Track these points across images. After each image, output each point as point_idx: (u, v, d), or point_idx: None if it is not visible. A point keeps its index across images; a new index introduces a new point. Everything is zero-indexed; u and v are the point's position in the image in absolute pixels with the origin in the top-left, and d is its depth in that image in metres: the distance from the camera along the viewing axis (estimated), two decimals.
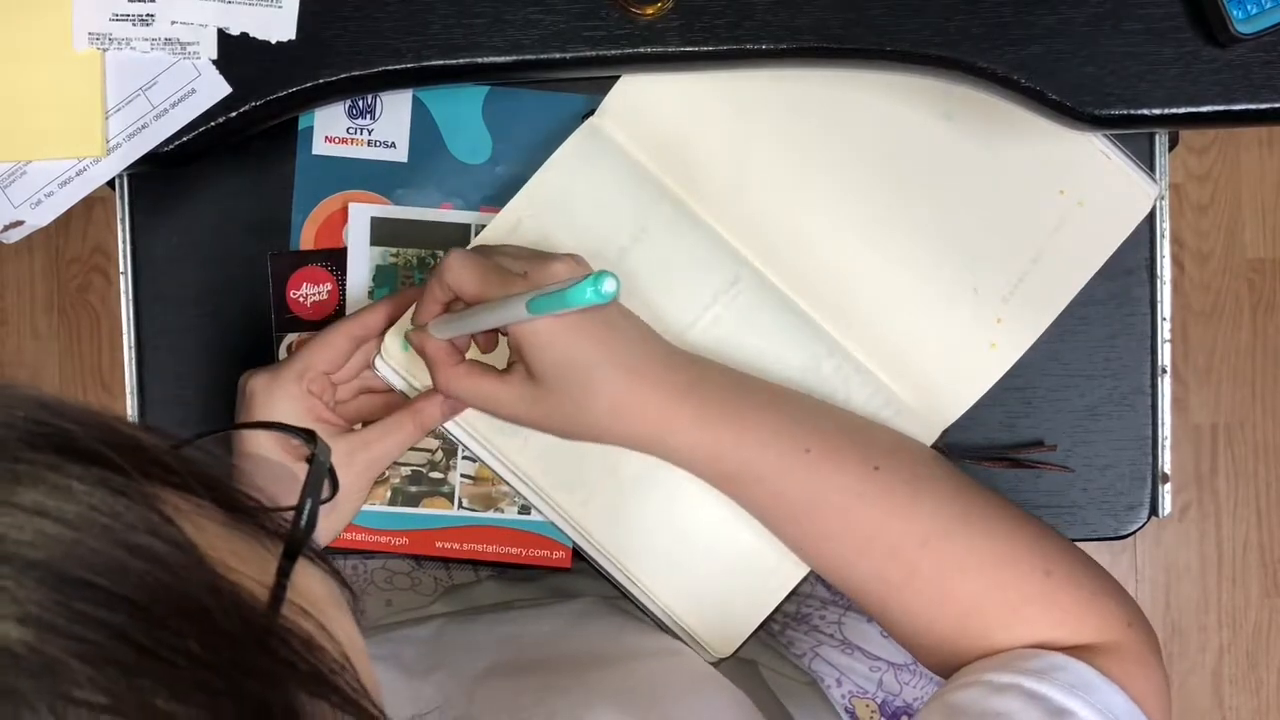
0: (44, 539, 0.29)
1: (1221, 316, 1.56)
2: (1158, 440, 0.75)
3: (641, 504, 0.70)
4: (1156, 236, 0.74)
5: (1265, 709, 1.56)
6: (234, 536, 0.35)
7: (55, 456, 0.31)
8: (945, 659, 0.63)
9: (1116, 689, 0.56)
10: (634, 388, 0.63)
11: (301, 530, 0.37)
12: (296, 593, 0.35)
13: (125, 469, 0.32)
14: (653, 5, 0.67)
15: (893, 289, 0.72)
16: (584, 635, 0.71)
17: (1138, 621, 0.62)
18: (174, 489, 0.34)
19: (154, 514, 0.32)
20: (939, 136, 0.72)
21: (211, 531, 0.34)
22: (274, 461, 0.64)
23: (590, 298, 0.56)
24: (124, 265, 0.76)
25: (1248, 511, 1.56)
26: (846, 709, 0.86)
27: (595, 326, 0.62)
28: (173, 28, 0.67)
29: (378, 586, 0.87)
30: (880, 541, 0.63)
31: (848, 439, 0.65)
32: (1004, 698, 0.55)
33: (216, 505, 0.35)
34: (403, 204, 0.74)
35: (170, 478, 0.34)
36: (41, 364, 1.59)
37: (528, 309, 0.59)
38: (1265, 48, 0.65)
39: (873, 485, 0.63)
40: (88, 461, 0.31)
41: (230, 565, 0.33)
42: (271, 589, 0.34)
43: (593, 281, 0.55)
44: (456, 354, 0.66)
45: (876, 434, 0.68)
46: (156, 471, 0.33)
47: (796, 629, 0.89)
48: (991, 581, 0.61)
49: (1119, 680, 0.57)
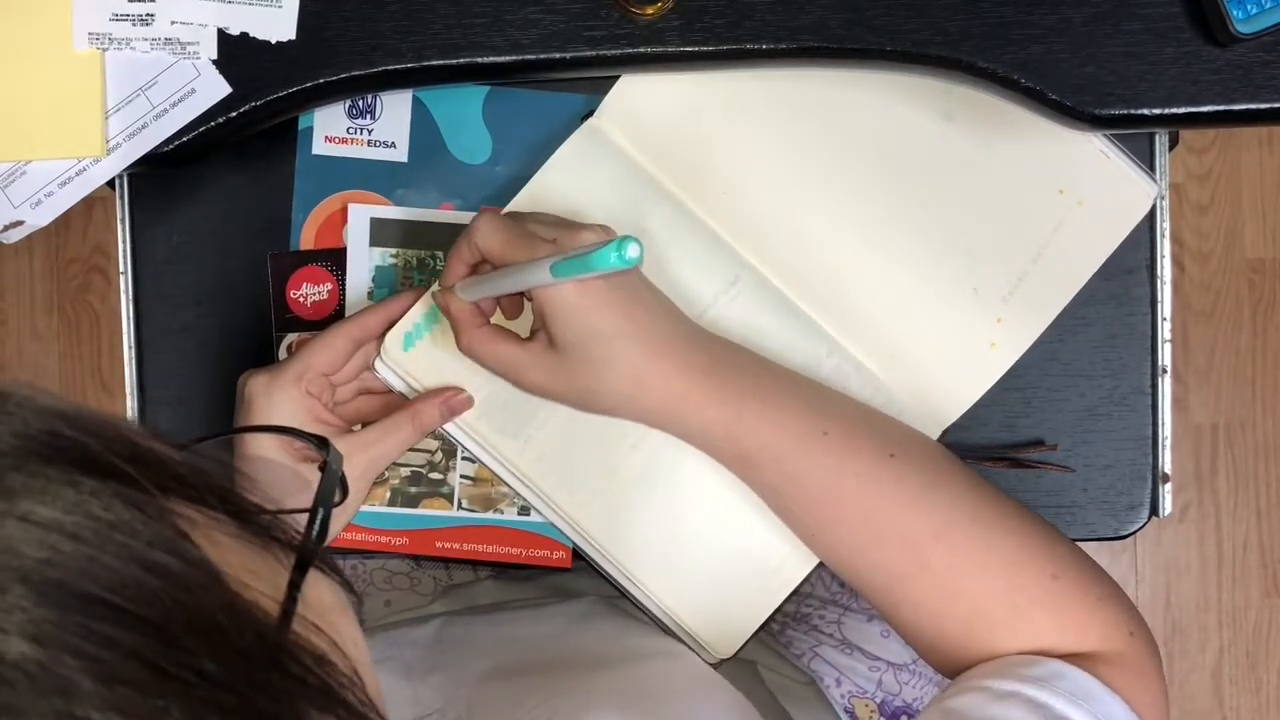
0: (58, 555, 0.29)
1: (1221, 316, 1.56)
2: (1158, 440, 0.75)
3: (642, 505, 0.70)
4: (1156, 236, 0.74)
5: (1265, 709, 1.56)
6: (246, 549, 0.35)
7: (71, 470, 0.31)
8: (949, 657, 0.62)
9: (1117, 699, 0.56)
10: (655, 362, 0.63)
11: (314, 540, 0.37)
12: (307, 604, 0.35)
13: (142, 483, 0.32)
14: (653, 5, 0.67)
15: (893, 289, 0.72)
16: (585, 637, 0.71)
17: (1140, 630, 0.62)
18: (188, 501, 0.33)
19: (170, 530, 0.31)
20: (938, 137, 0.72)
21: (225, 545, 0.34)
22: (276, 463, 0.64)
23: (615, 262, 0.55)
24: (124, 265, 0.76)
25: (1248, 511, 1.56)
26: (846, 709, 0.86)
27: (620, 298, 0.62)
28: (173, 28, 0.67)
29: (377, 587, 0.87)
30: (893, 531, 0.62)
31: (864, 426, 0.65)
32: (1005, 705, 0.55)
33: (230, 517, 0.35)
34: (403, 204, 0.74)
35: (185, 490, 0.33)
36: (41, 364, 1.59)
37: (552, 272, 0.58)
38: (1265, 48, 0.65)
39: (888, 472, 0.63)
40: (103, 475, 0.31)
41: (244, 581, 0.33)
42: (283, 603, 0.34)
43: (616, 246, 0.55)
44: (481, 316, 0.66)
45: (890, 424, 0.68)
46: (172, 485, 0.33)
47: (796, 629, 0.89)
48: (1001, 582, 0.61)
49: (1119, 690, 0.57)
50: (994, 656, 0.60)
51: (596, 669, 0.66)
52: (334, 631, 0.35)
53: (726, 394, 0.64)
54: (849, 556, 0.65)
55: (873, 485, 0.63)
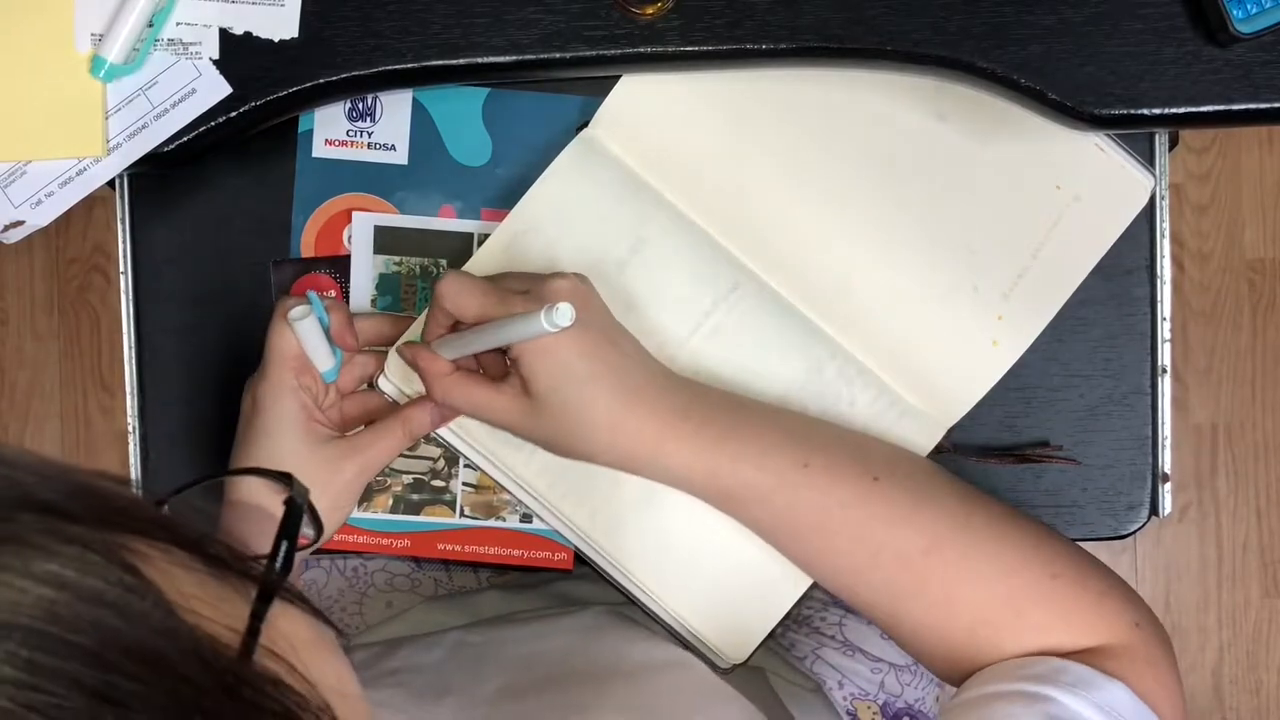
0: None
1: (1221, 316, 1.56)
2: (1158, 440, 0.75)
3: (650, 512, 0.69)
4: (1156, 236, 0.74)
5: (1265, 709, 1.56)
6: (210, 583, 0.35)
7: (9, 509, 0.31)
8: (956, 667, 0.62)
9: (1119, 685, 0.56)
10: (631, 408, 0.63)
11: (276, 573, 0.37)
12: (278, 635, 0.35)
13: (79, 516, 0.32)
14: (653, 5, 0.67)
15: (893, 290, 0.72)
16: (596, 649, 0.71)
17: (1146, 621, 0.62)
18: (139, 536, 0.33)
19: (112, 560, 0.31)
20: (934, 137, 0.72)
21: (181, 578, 0.33)
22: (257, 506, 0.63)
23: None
24: (124, 265, 0.76)
25: (1248, 511, 1.56)
26: (849, 711, 0.86)
27: (594, 340, 0.62)
28: (176, 29, 0.67)
29: (378, 589, 0.87)
30: (887, 552, 0.62)
31: (845, 452, 0.65)
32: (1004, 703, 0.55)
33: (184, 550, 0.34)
34: (403, 206, 0.74)
35: (133, 524, 0.33)
36: (41, 364, 1.59)
37: None
38: (1265, 47, 0.65)
39: (875, 496, 0.63)
40: (40, 512, 0.31)
41: (201, 612, 0.33)
42: (244, 633, 0.34)
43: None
44: (447, 363, 0.66)
45: (873, 446, 0.68)
46: (117, 519, 0.33)
47: (798, 631, 0.89)
48: (1000, 587, 0.61)
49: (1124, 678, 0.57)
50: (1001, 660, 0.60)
51: (609, 682, 0.66)
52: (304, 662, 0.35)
53: (704, 435, 0.64)
54: (846, 581, 0.65)
55: (860, 511, 0.63)
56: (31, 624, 0.29)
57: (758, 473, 0.64)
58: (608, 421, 0.63)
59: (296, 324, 0.64)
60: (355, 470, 0.67)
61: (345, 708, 0.36)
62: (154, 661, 0.30)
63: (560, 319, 0.56)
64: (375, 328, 0.71)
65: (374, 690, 0.67)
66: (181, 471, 0.76)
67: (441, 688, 0.67)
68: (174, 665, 0.31)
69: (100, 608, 0.30)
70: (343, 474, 0.66)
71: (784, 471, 0.63)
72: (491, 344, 0.63)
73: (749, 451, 0.64)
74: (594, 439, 0.63)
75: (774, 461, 0.64)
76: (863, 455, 0.65)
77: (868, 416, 0.70)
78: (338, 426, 0.69)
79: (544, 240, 0.70)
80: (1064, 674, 0.56)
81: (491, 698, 0.66)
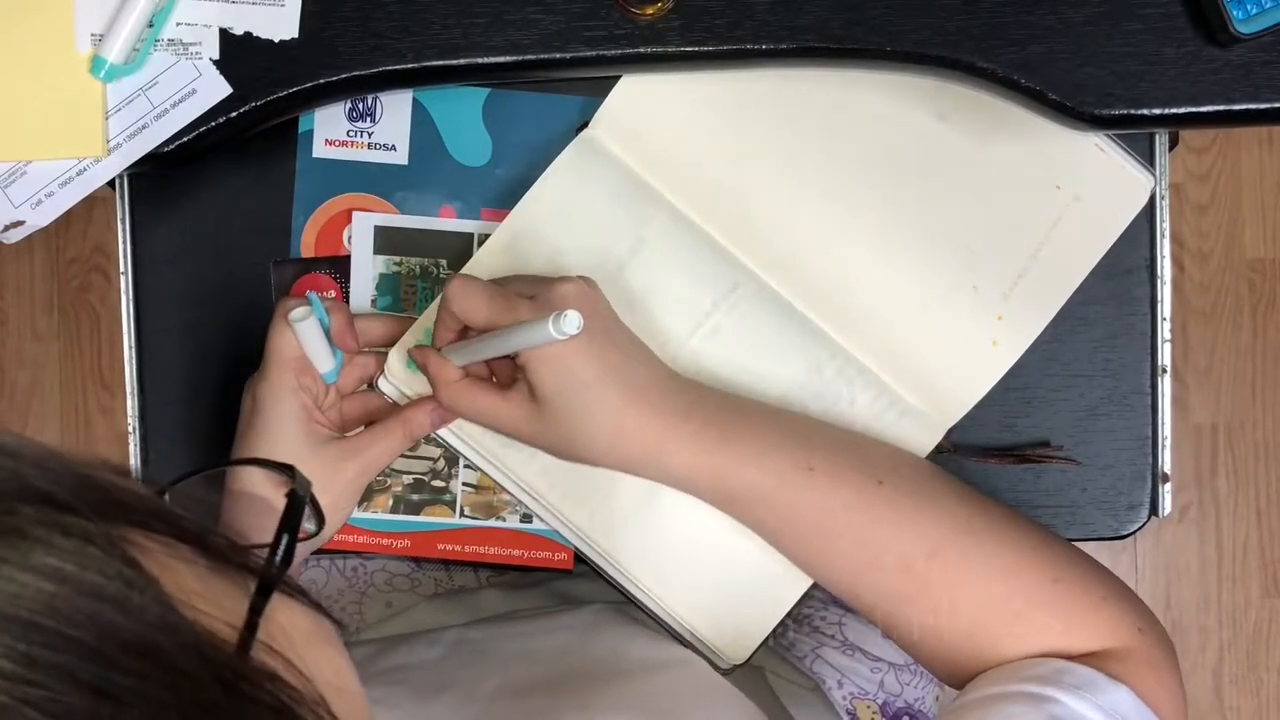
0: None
1: (1221, 316, 1.56)
2: (1158, 440, 0.75)
3: (650, 513, 0.69)
4: (1156, 236, 0.74)
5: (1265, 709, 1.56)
6: (210, 577, 0.35)
7: (9, 501, 0.31)
8: (957, 670, 0.62)
9: (1123, 688, 0.56)
10: (634, 409, 0.63)
11: (276, 566, 0.37)
12: (277, 629, 0.35)
13: (79, 509, 0.32)
14: (653, 5, 0.67)
15: (893, 290, 0.72)
16: (594, 648, 0.71)
17: (1150, 626, 0.62)
18: (139, 529, 0.33)
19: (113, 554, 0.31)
20: (934, 137, 0.72)
21: (181, 572, 0.33)
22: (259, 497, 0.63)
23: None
24: (124, 265, 0.76)
25: (1248, 511, 1.56)
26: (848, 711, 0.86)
27: (600, 349, 0.63)
28: (176, 29, 0.67)
29: (378, 589, 0.87)
30: (890, 555, 0.62)
31: (848, 455, 0.65)
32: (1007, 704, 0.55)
33: (184, 543, 0.34)
34: (403, 206, 0.74)
35: (133, 517, 0.33)
36: (41, 364, 1.59)
37: None
38: (1265, 48, 0.65)
39: (878, 499, 0.63)
40: (41, 504, 0.31)
41: (201, 607, 0.33)
42: (242, 627, 0.34)
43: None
44: (457, 370, 0.66)
45: (876, 449, 0.68)
46: (118, 511, 0.33)
47: (798, 630, 0.89)
48: (1001, 591, 0.61)
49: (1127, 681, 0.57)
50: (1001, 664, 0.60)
51: (609, 681, 0.66)
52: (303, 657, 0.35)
53: (706, 436, 0.64)
54: (847, 583, 0.65)
55: (863, 514, 0.63)
56: (30, 618, 0.29)
57: (760, 474, 0.64)
58: (611, 424, 0.63)
59: (297, 325, 0.65)
60: (356, 471, 0.67)
61: (343, 703, 0.36)
62: (152, 656, 0.30)
63: (568, 326, 0.56)
64: (375, 328, 0.71)
65: (373, 687, 0.67)
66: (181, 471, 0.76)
67: (440, 684, 0.67)
68: (172, 660, 0.31)
69: (99, 602, 0.30)
70: (343, 474, 0.67)
71: (786, 473, 0.63)
72: (500, 351, 0.63)
73: (751, 452, 0.64)
74: (597, 441, 0.63)
75: (776, 463, 0.64)
76: (866, 458, 0.66)
77: (868, 416, 0.70)
78: (338, 427, 0.69)
79: (544, 240, 0.70)
80: (1067, 676, 0.56)
81: (490, 695, 0.66)
